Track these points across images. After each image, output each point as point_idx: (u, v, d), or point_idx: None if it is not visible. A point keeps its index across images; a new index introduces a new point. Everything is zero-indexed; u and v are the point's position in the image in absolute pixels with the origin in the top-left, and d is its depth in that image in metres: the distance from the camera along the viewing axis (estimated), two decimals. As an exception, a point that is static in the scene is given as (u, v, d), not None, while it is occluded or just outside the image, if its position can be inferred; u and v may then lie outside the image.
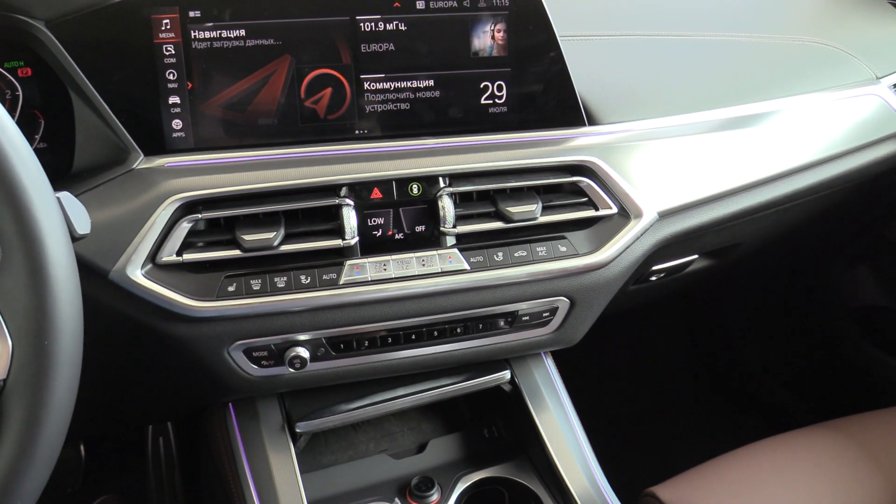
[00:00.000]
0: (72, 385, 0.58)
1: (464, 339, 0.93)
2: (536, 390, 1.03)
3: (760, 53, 1.18)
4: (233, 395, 0.95)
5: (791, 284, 1.74)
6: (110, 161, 0.83)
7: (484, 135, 0.92)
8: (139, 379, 0.96)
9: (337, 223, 0.83)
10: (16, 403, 0.55)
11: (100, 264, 0.77)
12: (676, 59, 1.14)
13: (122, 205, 0.80)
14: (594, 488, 0.96)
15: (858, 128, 1.14)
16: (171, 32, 0.83)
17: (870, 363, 1.59)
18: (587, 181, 0.92)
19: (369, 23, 0.87)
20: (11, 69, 0.85)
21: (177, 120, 0.84)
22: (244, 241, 0.80)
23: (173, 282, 0.80)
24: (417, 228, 0.87)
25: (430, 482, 0.98)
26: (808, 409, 1.75)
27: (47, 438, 0.56)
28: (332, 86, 0.87)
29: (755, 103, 1.07)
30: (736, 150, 1.03)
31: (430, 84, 0.90)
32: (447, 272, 0.86)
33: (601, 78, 1.03)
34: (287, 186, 0.83)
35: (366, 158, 0.87)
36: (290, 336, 0.85)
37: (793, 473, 1.09)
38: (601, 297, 0.96)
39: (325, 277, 0.83)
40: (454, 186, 0.87)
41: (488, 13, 0.90)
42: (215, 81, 0.85)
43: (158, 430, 1.47)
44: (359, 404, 0.97)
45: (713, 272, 1.30)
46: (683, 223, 0.99)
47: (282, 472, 0.91)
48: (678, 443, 1.71)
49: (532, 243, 0.90)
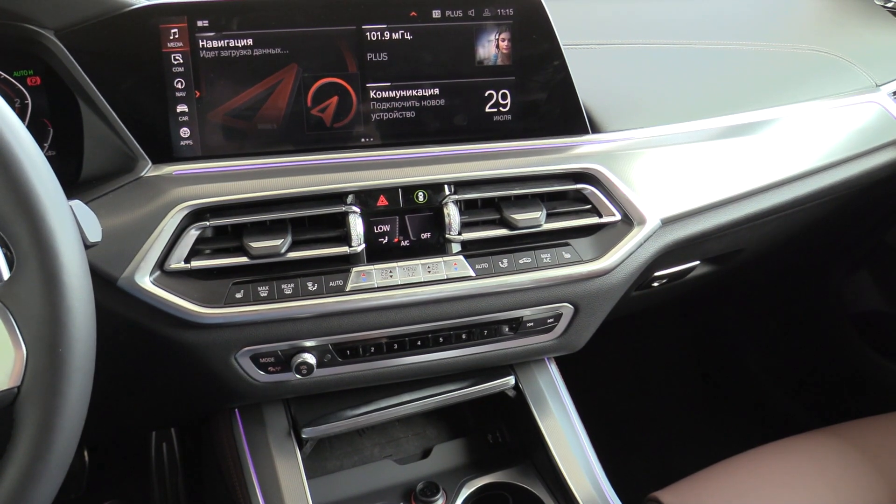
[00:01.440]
0: (85, 392, 0.58)
1: (469, 345, 0.94)
2: (540, 396, 1.04)
3: (761, 61, 1.19)
4: (239, 402, 0.96)
5: (792, 290, 1.75)
6: (118, 169, 0.84)
7: (488, 143, 0.93)
8: (146, 385, 0.96)
9: (343, 230, 0.84)
10: (30, 410, 0.55)
11: (108, 271, 0.78)
12: (678, 68, 1.15)
13: (130, 212, 0.80)
14: (598, 493, 0.96)
15: (858, 135, 1.14)
16: (180, 41, 0.84)
17: (871, 368, 1.59)
18: (591, 188, 0.92)
19: (375, 32, 0.88)
20: (21, 78, 0.85)
21: (185, 128, 0.85)
22: (252, 248, 0.81)
23: (181, 289, 0.80)
24: (423, 235, 0.88)
25: (434, 487, 0.98)
26: (810, 414, 1.75)
27: (61, 445, 0.56)
28: (339, 94, 0.88)
29: (756, 111, 1.08)
30: (738, 158, 1.04)
31: (436, 92, 0.91)
32: (452, 279, 0.87)
33: (604, 86, 1.04)
34: (294, 194, 0.84)
35: (372, 166, 0.87)
36: (297, 342, 0.86)
37: (795, 478, 1.09)
38: (605, 303, 0.97)
39: (332, 284, 0.84)
40: (459, 194, 0.88)
41: (493, 22, 0.91)
42: (223, 90, 0.85)
43: (162, 436, 1.47)
44: (364, 410, 0.97)
45: (715, 278, 1.31)
46: (686, 230, 0.99)
47: (288, 477, 0.91)
48: (680, 448, 1.72)
49: (536, 250, 0.90)
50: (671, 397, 1.93)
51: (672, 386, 1.95)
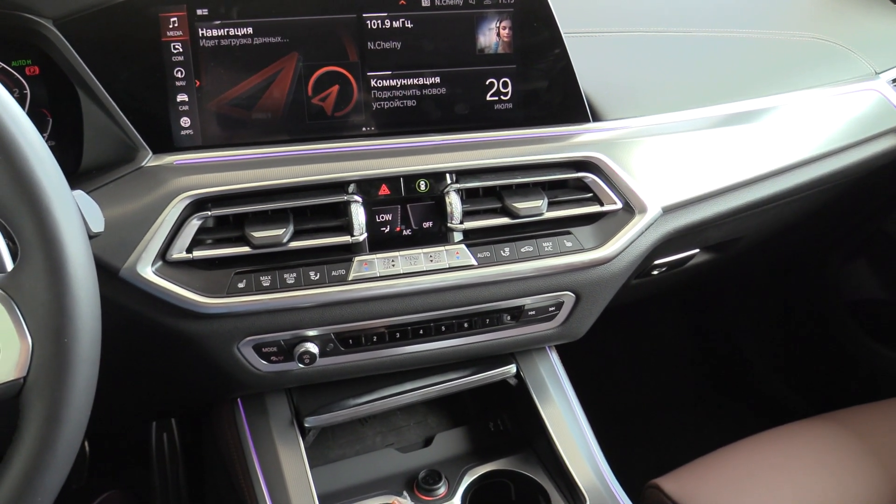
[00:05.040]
0: (90, 382, 0.58)
1: (470, 333, 0.94)
2: (542, 384, 1.04)
3: (761, 49, 1.19)
4: (242, 391, 0.96)
5: (790, 278, 1.76)
6: (119, 159, 0.84)
7: (489, 131, 0.92)
8: (149, 375, 0.96)
9: (345, 220, 0.84)
10: (36, 401, 0.55)
11: (110, 262, 0.78)
12: (679, 56, 1.14)
13: (131, 203, 0.80)
14: (600, 480, 0.97)
15: (858, 123, 1.15)
16: (179, 30, 0.83)
17: (868, 356, 1.60)
18: (592, 177, 0.92)
19: (376, 20, 0.88)
20: (19, 68, 0.85)
21: (185, 118, 0.85)
22: (253, 237, 0.81)
23: (183, 279, 0.80)
24: (425, 224, 0.88)
25: (437, 475, 0.98)
26: (807, 402, 1.76)
27: (67, 435, 0.56)
28: (339, 83, 0.88)
29: (756, 99, 1.08)
30: (738, 146, 1.04)
31: (437, 81, 0.90)
32: (455, 268, 0.87)
33: (605, 74, 1.04)
34: (295, 183, 0.84)
35: (373, 155, 0.87)
36: (300, 332, 0.86)
37: (794, 464, 1.10)
38: (606, 291, 0.97)
39: (334, 273, 0.84)
40: (461, 183, 0.88)
41: (494, 10, 0.91)
42: (223, 79, 0.85)
43: (162, 426, 1.47)
44: (366, 399, 0.97)
45: (714, 266, 1.31)
46: (687, 218, 1.00)
47: (291, 466, 0.92)
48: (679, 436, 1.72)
49: (538, 239, 0.91)
50: (670, 386, 1.94)
51: (670, 374, 1.96)
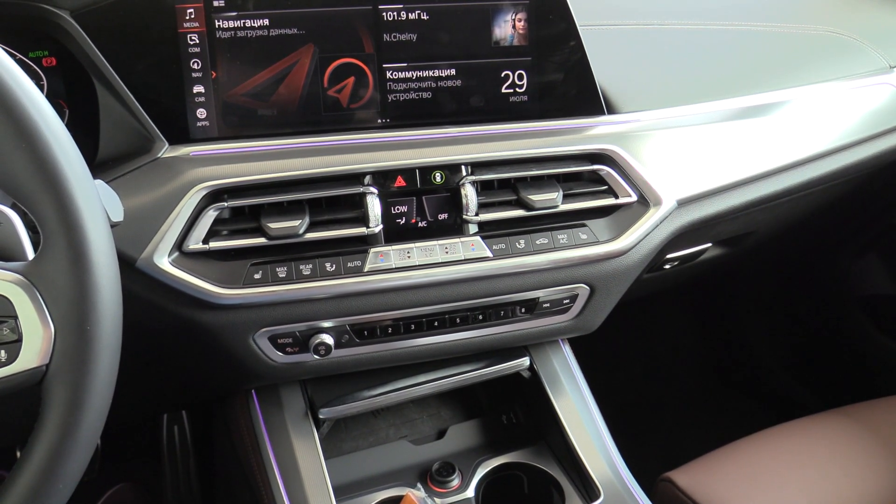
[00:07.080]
0: (112, 370, 0.58)
1: (485, 325, 0.94)
2: (555, 377, 1.04)
3: (775, 43, 1.19)
4: (257, 382, 0.96)
5: (801, 273, 1.75)
6: (135, 150, 0.84)
7: (505, 123, 0.92)
8: (164, 367, 0.97)
9: (361, 211, 0.84)
10: (59, 388, 0.56)
11: (127, 252, 0.78)
12: (693, 49, 1.14)
13: (148, 193, 0.80)
14: (614, 473, 0.97)
15: (872, 117, 1.14)
16: (196, 22, 0.84)
17: (879, 351, 1.60)
18: (607, 169, 0.92)
19: (391, 12, 0.88)
20: (36, 59, 0.85)
21: (201, 109, 0.85)
22: (270, 228, 0.81)
23: (200, 269, 0.80)
24: (440, 216, 0.88)
25: (450, 467, 0.99)
26: (818, 397, 1.76)
27: (89, 422, 0.57)
28: (355, 75, 0.88)
29: (770, 92, 1.08)
30: (752, 139, 1.04)
31: (452, 73, 0.90)
32: (470, 259, 0.87)
33: (620, 67, 1.03)
34: (311, 175, 0.84)
35: (389, 147, 0.87)
36: (315, 323, 0.86)
37: (806, 458, 1.10)
38: (620, 284, 0.97)
39: (350, 265, 0.84)
40: (476, 175, 0.88)
41: (509, 3, 0.90)
42: (239, 71, 0.85)
43: (173, 419, 1.47)
44: (380, 391, 0.98)
45: (725, 261, 1.31)
46: (701, 211, 0.99)
47: (306, 458, 0.92)
48: (688, 430, 1.72)
49: (553, 231, 0.90)
50: (681, 381, 1.93)
51: (680, 369, 1.96)
